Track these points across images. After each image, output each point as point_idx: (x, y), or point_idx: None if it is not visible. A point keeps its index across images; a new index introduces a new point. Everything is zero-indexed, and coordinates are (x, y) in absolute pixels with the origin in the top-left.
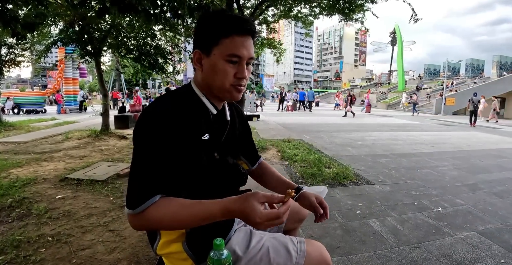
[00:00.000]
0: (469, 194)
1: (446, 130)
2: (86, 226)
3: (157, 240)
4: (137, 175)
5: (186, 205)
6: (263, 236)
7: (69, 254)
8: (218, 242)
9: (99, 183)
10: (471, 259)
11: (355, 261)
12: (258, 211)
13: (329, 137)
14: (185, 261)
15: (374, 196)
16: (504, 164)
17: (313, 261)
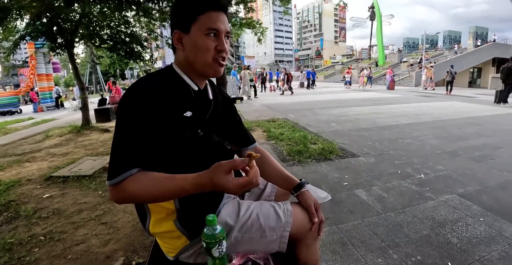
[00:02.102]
0: (449, 160)
1: (426, 101)
2: (78, 222)
3: (148, 219)
4: (117, 149)
5: (159, 180)
6: (250, 205)
7: (63, 250)
8: (210, 218)
9: (86, 178)
10: (452, 220)
11: (344, 230)
12: (228, 181)
13: (314, 114)
14: (179, 239)
15: (359, 168)
16: (480, 131)
17: (300, 218)
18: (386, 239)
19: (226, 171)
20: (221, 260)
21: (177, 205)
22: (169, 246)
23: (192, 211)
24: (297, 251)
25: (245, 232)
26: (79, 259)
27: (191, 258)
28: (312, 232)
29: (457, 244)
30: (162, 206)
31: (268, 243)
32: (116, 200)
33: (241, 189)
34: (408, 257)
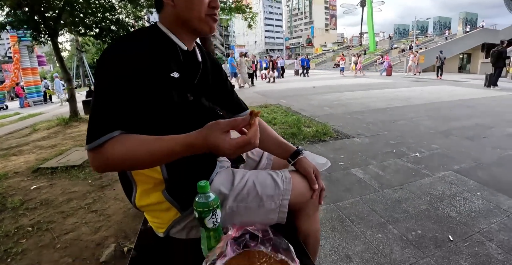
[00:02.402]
0: (443, 139)
1: (417, 86)
2: (67, 211)
3: (134, 191)
4: (97, 110)
5: (145, 141)
6: (245, 173)
7: (52, 240)
8: (202, 184)
9: (75, 168)
10: (450, 194)
11: (342, 207)
12: (224, 141)
13: (306, 99)
14: (168, 211)
15: (354, 148)
16: (472, 112)
17: (299, 186)
18: (385, 215)
19: (223, 130)
20: (215, 231)
21: (165, 174)
22: (158, 221)
23: (182, 180)
24: (297, 221)
25: (241, 201)
26: (69, 248)
27: (183, 232)
28: (313, 200)
29: (456, 217)
30: (148, 176)
31: (266, 213)
32: (96, 167)
33: (238, 150)
34: (408, 232)
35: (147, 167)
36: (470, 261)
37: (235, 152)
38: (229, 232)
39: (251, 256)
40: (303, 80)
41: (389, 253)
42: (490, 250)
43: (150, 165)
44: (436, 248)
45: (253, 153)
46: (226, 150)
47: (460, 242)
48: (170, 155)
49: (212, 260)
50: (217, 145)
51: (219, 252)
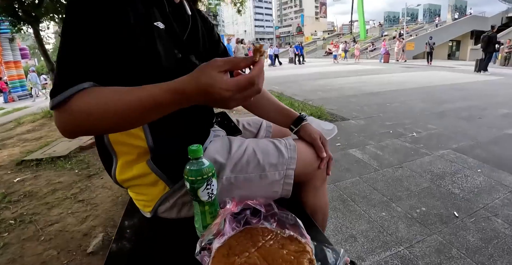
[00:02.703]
0: (439, 120)
1: (409, 71)
2: (52, 202)
3: (114, 163)
4: (64, 58)
5: (122, 91)
6: (244, 141)
7: (36, 232)
8: (194, 147)
9: (61, 159)
10: (451, 172)
11: (343, 187)
12: (221, 80)
13: (298, 85)
14: (155, 185)
15: (350, 130)
16: (465, 95)
17: (306, 155)
18: (387, 193)
19: (220, 69)
20: (211, 206)
21: (149, 142)
22: (144, 198)
23: (170, 148)
24: (303, 195)
25: (240, 172)
26: (53, 240)
27: (172, 211)
28: (320, 170)
29: (460, 194)
30: (131, 145)
31: (269, 185)
32: (64, 128)
33: (238, 92)
34: (412, 209)
35: (126, 126)
36: (478, 237)
37: (234, 95)
38: (228, 206)
39: (254, 234)
40: (297, 67)
41: (394, 231)
42: (496, 225)
43: (129, 123)
44: (443, 224)
45: (249, 124)
46: (223, 91)
47: (466, 218)
48: (153, 107)
49: (208, 239)
50: (211, 85)
51: (216, 230)
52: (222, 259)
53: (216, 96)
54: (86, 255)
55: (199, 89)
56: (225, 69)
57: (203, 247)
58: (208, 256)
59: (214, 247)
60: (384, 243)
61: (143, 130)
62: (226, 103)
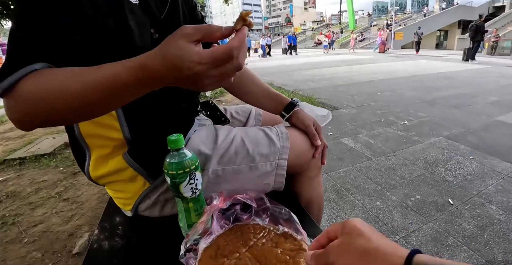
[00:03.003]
0: (429, 108)
1: (398, 61)
2: (36, 202)
3: (87, 158)
4: (14, 38)
5: (79, 71)
6: (231, 129)
7: (18, 234)
8: (174, 137)
9: (45, 157)
10: (443, 159)
11: (336, 177)
12: (192, 52)
13: (288, 75)
14: (134, 181)
15: (342, 119)
16: (454, 83)
17: (300, 142)
18: (381, 182)
19: (190, 38)
20: (195, 202)
21: (126, 133)
22: (123, 196)
23: (149, 140)
24: (297, 187)
25: (228, 163)
26: (37, 241)
27: (155, 209)
28: (315, 160)
29: (453, 181)
30: (105, 137)
31: (260, 177)
32: (12, 117)
33: (214, 65)
34: (407, 198)
35: (88, 113)
36: (474, 224)
37: (209, 70)
38: (214, 202)
39: (245, 231)
40: (288, 58)
41: (390, 220)
42: (491, 211)
43: (91, 108)
44: (438, 212)
45: (238, 113)
46: (194, 64)
47: (461, 205)
48: (116, 88)
49: (193, 240)
50: (180, 57)
51: (202, 229)
52: (210, 261)
53: (187, 72)
54: (71, 256)
55: (167, 64)
56: (196, 38)
57: (188, 249)
58: (194, 259)
59: (200, 248)
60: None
61: (118, 120)
62: (200, 81)
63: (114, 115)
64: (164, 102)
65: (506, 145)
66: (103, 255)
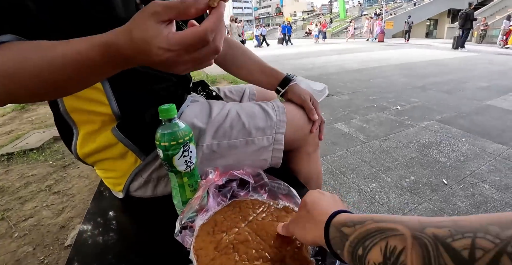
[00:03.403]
0: (421, 93)
1: (389, 49)
2: (25, 196)
3: (74, 136)
4: None
5: (45, 46)
6: (225, 104)
7: (8, 229)
8: (166, 107)
9: (34, 152)
10: (436, 142)
11: (331, 161)
12: (160, 36)
13: (279, 64)
14: (124, 158)
15: (335, 105)
16: (445, 70)
17: (297, 117)
18: (376, 165)
19: (159, 17)
20: (190, 176)
21: (114, 107)
22: (113, 175)
23: (139, 114)
24: (296, 163)
25: (223, 138)
26: (28, 235)
27: (147, 188)
28: (313, 135)
29: (447, 162)
30: (92, 112)
31: (257, 152)
32: None
33: (186, 51)
34: (402, 179)
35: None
36: (468, 202)
37: (180, 56)
38: (210, 176)
39: (244, 207)
40: (280, 47)
41: (386, 201)
42: (484, 190)
43: (58, 86)
44: (433, 192)
45: (231, 92)
46: (162, 51)
47: (455, 185)
48: (82, 66)
49: (189, 217)
50: (146, 41)
51: (198, 206)
52: (207, 238)
53: (155, 58)
54: (64, 249)
55: (134, 47)
56: (167, 18)
57: (184, 226)
58: (191, 236)
59: (197, 224)
60: (376, 213)
61: (105, 94)
62: (173, 67)
63: (100, 89)
64: (153, 75)
65: (497, 127)
66: (93, 239)
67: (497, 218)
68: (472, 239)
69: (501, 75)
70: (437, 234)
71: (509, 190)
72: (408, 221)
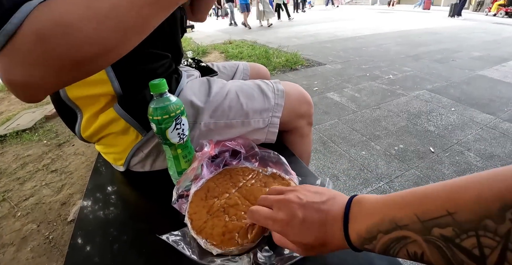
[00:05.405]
0: (414, 62)
1: (384, 16)
2: (23, 176)
3: (79, 119)
4: None
5: None
6: (225, 83)
7: (11, 209)
8: (156, 82)
9: (27, 132)
10: (426, 111)
11: (322, 129)
12: None
13: (272, 33)
14: (126, 134)
15: (327, 74)
16: (439, 39)
17: (293, 99)
18: (366, 133)
19: None
20: (184, 148)
21: (116, 86)
22: (114, 150)
23: (139, 91)
24: (289, 143)
25: (220, 117)
26: (31, 214)
27: (146, 162)
28: (307, 118)
29: (435, 131)
30: (95, 95)
31: (251, 132)
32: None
33: None
34: (391, 147)
35: (126, 36)
36: (452, 169)
37: None
38: (205, 149)
39: (234, 174)
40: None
41: (374, 168)
42: (469, 158)
43: (126, 33)
44: (420, 159)
45: (225, 67)
46: None
47: (441, 153)
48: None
49: (185, 186)
50: None
51: (193, 175)
52: (201, 203)
53: None
54: (67, 224)
55: None
56: None
57: (180, 195)
58: (186, 203)
59: (191, 191)
60: (365, 180)
61: (107, 74)
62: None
63: (102, 70)
64: (151, 53)
65: (486, 97)
66: (95, 212)
67: (484, 203)
68: (476, 237)
69: (495, 45)
70: (445, 235)
71: (493, 158)
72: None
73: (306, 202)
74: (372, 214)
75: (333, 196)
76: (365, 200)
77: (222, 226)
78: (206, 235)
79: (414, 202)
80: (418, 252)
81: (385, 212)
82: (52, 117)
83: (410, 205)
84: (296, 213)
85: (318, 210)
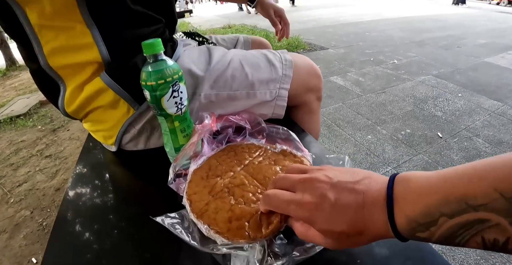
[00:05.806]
0: (419, 48)
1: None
2: (17, 162)
3: (62, 92)
4: None
5: None
6: (227, 51)
7: (4, 196)
8: (150, 41)
9: (21, 118)
10: (432, 96)
11: (327, 113)
12: None
13: None
14: (116, 107)
15: (330, 58)
16: (444, 25)
17: (302, 72)
18: (372, 117)
19: None
20: (182, 121)
21: (104, 52)
22: (103, 127)
23: (129, 60)
24: (297, 119)
25: (223, 88)
26: (24, 200)
27: (140, 140)
28: (316, 92)
29: (442, 116)
30: (81, 64)
31: (257, 106)
32: None
33: None
34: (397, 131)
35: None
36: (461, 155)
37: None
38: (206, 121)
39: (239, 151)
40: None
41: (381, 152)
42: (478, 144)
43: None
44: (428, 145)
45: (224, 40)
46: None
47: (449, 138)
48: None
49: (183, 164)
50: None
51: (192, 152)
52: (201, 182)
53: None
54: None
55: None
56: None
57: (178, 174)
58: (184, 183)
59: (190, 170)
60: (371, 164)
61: (93, 37)
62: None
63: (87, 33)
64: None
65: (493, 84)
66: (83, 195)
67: None
68: None
69: (500, 33)
70: None
71: (502, 145)
72: (487, 197)
73: (337, 182)
74: (428, 193)
75: (368, 175)
76: (415, 176)
77: (227, 210)
78: (209, 220)
79: (490, 175)
80: (501, 239)
81: (449, 189)
82: (47, 103)
83: (485, 179)
84: (326, 194)
85: (352, 191)
